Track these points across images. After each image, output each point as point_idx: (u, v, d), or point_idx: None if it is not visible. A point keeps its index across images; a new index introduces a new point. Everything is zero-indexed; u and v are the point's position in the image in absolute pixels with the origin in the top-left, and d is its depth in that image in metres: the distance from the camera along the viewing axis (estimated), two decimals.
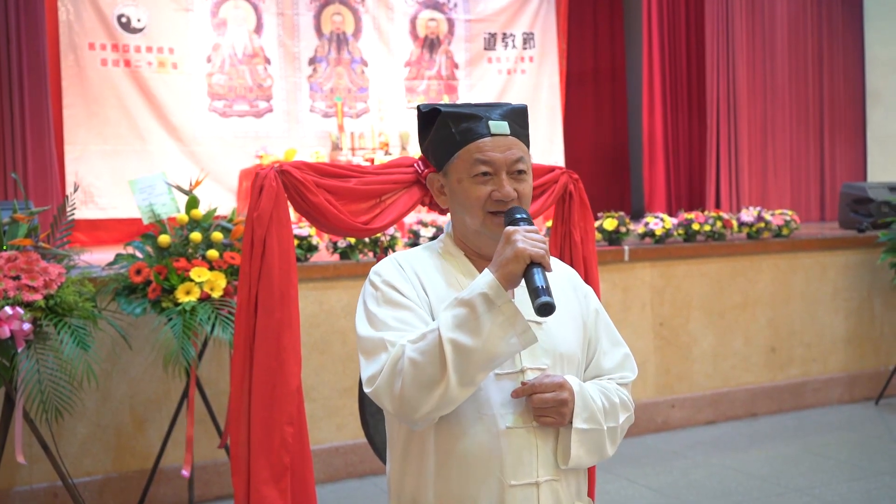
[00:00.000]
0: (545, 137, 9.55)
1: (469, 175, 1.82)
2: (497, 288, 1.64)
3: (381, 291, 1.78)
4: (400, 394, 1.65)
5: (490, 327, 1.62)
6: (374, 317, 1.76)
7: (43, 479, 4.10)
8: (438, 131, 1.87)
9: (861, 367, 6.31)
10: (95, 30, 7.70)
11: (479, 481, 1.75)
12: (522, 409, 1.78)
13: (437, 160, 1.90)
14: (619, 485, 4.64)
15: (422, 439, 1.78)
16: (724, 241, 5.94)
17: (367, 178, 2.85)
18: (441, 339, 1.62)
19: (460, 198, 1.84)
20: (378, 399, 1.70)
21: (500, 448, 1.75)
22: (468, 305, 1.64)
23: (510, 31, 9.52)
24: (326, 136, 8.45)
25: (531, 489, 1.77)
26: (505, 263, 1.66)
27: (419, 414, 1.66)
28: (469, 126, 1.83)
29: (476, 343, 1.62)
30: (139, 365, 4.31)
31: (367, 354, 1.73)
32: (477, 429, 1.75)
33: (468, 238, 1.88)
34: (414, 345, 1.66)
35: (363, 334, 1.76)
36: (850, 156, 9.32)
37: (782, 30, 8.86)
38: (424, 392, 1.63)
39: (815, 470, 4.83)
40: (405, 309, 1.76)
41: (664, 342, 5.66)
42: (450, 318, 1.64)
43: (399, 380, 1.65)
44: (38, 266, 3.42)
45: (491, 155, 1.82)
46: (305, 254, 4.67)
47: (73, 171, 7.50)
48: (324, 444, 4.67)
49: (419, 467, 1.79)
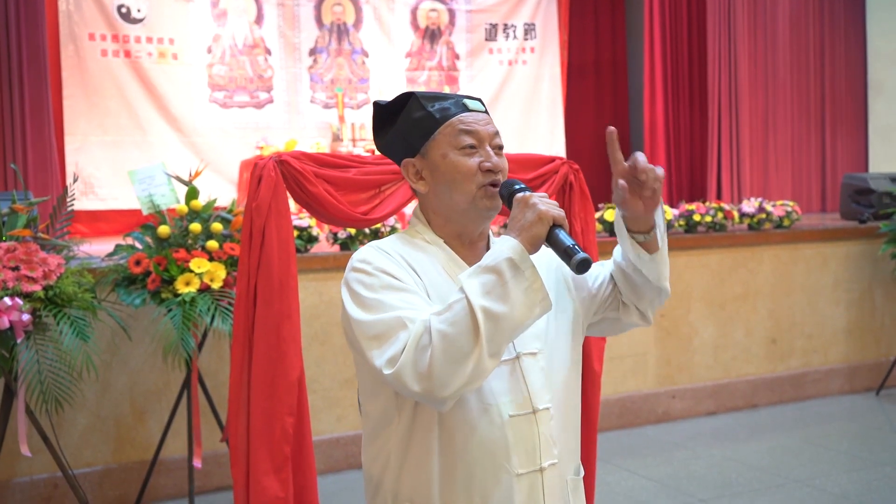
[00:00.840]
0: (546, 129, 9.54)
1: (455, 147, 1.77)
2: (522, 252, 1.60)
3: (375, 277, 1.69)
4: (428, 370, 1.55)
5: (516, 293, 1.57)
6: (377, 301, 1.66)
7: (43, 470, 4.11)
8: (411, 114, 1.82)
9: (862, 358, 6.30)
10: (95, 20, 7.68)
11: (487, 473, 1.71)
12: (522, 395, 1.76)
13: (411, 144, 1.83)
14: (620, 476, 4.64)
15: (425, 434, 1.71)
16: (725, 232, 5.92)
17: (367, 169, 2.85)
18: (472, 307, 1.54)
19: (447, 174, 1.78)
20: (401, 380, 1.57)
21: (506, 438, 1.72)
22: (495, 271, 1.58)
23: (511, 21, 9.49)
24: (327, 126, 8.44)
25: (536, 476, 1.75)
26: (528, 227, 1.62)
27: (449, 390, 1.56)
28: (445, 105, 1.81)
29: (505, 309, 1.56)
30: (139, 356, 4.31)
31: (380, 338, 1.62)
32: (482, 420, 1.71)
33: (452, 219, 1.82)
34: (440, 316, 1.57)
35: (366, 319, 1.65)
36: (852, 147, 9.30)
37: (784, 21, 8.83)
38: (455, 365, 1.54)
39: (816, 461, 4.83)
40: (407, 292, 1.68)
41: (665, 333, 5.65)
42: (477, 286, 1.57)
43: (426, 355, 1.55)
44: (38, 257, 3.42)
45: (475, 127, 1.79)
46: (305, 244, 4.66)
47: (73, 161, 7.50)
48: (324, 436, 4.67)
49: (421, 464, 1.71)
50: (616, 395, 5.46)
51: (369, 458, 1.81)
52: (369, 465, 1.82)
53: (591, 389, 3.30)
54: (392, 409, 1.74)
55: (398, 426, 1.74)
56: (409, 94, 1.84)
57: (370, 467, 1.81)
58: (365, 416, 1.83)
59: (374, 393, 1.77)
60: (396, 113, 1.86)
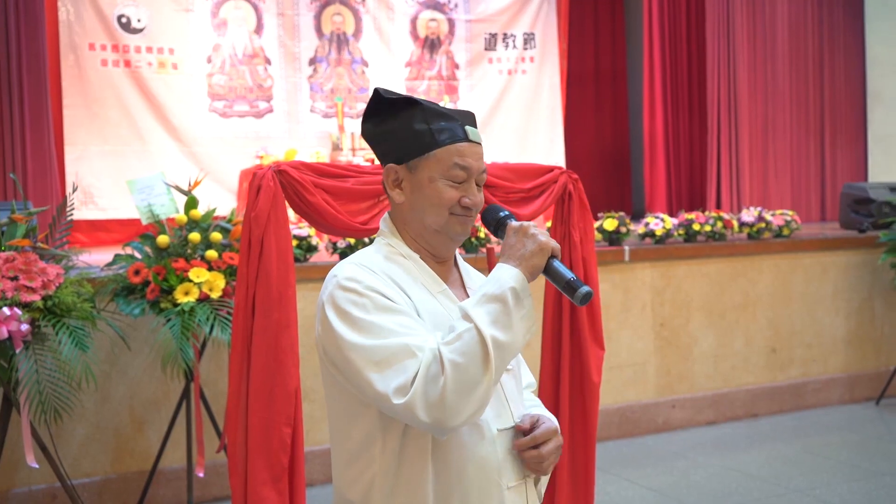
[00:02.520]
0: (546, 138, 9.54)
1: (444, 176, 1.78)
2: (523, 281, 1.64)
3: (367, 298, 1.67)
4: (440, 400, 1.55)
5: (518, 322, 1.62)
6: (372, 324, 1.64)
7: (42, 480, 4.10)
8: (411, 123, 1.80)
9: (862, 368, 6.30)
10: (95, 30, 7.69)
11: (482, 490, 1.73)
12: (504, 410, 1.79)
13: (403, 153, 1.82)
14: (620, 486, 4.63)
15: (419, 457, 1.70)
16: (724, 242, 5.93)
17: (365, 178, 2.85)
18: (483, 337, 1.57)
19: (428, 197, 1.78)
20: (410, 411, 1.57)
21: (497, 453, 1.75)
22: (500, 301, 1.61)
23: (511, 31, 9.51)
24: (327, 136, 8.45)
25: (522, 487, 1.79)
26: (529, 256, 1.67)
27: (460, 420, 1.58)
28: (447, 126, 1.80)
29: (509, 338, 1.60)
30: (138, 366, 4.31)
31: (382, 364, 1.61)
32: (474, 437, 1.72)
33: (423, 237, 1.83)
34: (449, 346, 1.58)
35: (365, 343, 1.63)
36: (851, 156, 9.31)
37: (783, 30, 8.85)
38: (467, 395, 1.57)
39: (816, 470, 4.82)
40: (402, 314, 1.67)
41: (664, 343, 5.65)
42: (484, 315, 1.59)
43: (437, 386, 1.56)
44: (37, 267, 3.42)
45: (469, 161, 1.79)
46: (305, 254, 4.66)
47: (73, 171, 7.49)
48: (323, 446, 4.66)
49: (416, 486, 1.70)
50: (616, 405, 5.46)
51: (346, 481, 1.77)
52: (346, 488, 1.77)
53: (589, 400, 3.30)
54: (376, 432, 1.72)
55: (383, 449, 1.71)
56: (417, 101, 1.83)
57: (347, 491, 1.77)
58: (340, 438, 1.79)
59: (354, 416, 1.74)
60: (395, 110, 1.84)
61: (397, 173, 1.83)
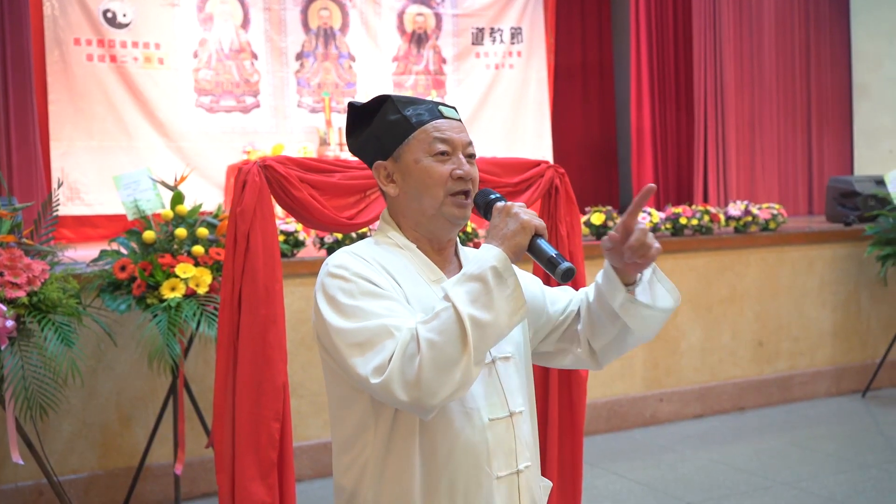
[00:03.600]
0: (533, 132, 9.55)
1: (428, 154, 1.78)
2: (505, 261, 1.62)
3: (354, 283, 1.67)
4: (416, 379, 1.54)
5: (500, 301, 1.60)
6: (357, 308, 1.65)
7: (28, 477, 4.08)
8: (386, 117, 1.82)
9: (848, 361, 6.33)
10: (81, 25, 7.65)
11: (469, 478, 1.72)
12: (499, 399, 1.78)
13: (385, 147, 1.83)
14: (608, 479, 4.65)
15: (406, 442, 1.70)
16: (711, 235, 5.94)
17: (352, 173, 2.84)
18: (460, 316, 1.56)
19: (418, 178, 1.78)
20: (388, 390, 1.57)
21: (487, 441, 1.74)
22: (480, 280, 1.59)
23: (498, 25, 9.50)
24: (314, 131, 8.43)
25: (514, 478, 1.78)
26: (511, 236, 1.66)
27: (438, 399, 1.56)
28: (420, 110, 1.81)
29: (490, 317, 1.58)
30: (125, 362, 4.29)
31: (363, 346, 1.61)
32: (463, 424, 1.72)
33: (421, 224, 1.82)
34: (427, 325, 1.58)
35: (347, 326, 1.63)
36: (838, 150, 9.34)
37: (769, 23, 8.87)
38: (444, 374, 1.55)
39: (803, 463, 4.84)
40: (387, 299, 1.67)
41: None
42: (463, 294, 1.58)
43: (413, 364, 1.55)
44: (22, 263, 3.40)
45: (449, 134, 1.80)
46: (292, 249, 4.65)
47: (59, 167, 7.46)
48: (311, 441, 4.66)
49: (402, 471, 1.70)
50: (603, 399, 5.47)
51: (341, 468, 1.79)
52: (341, 475, 1.79)
53: (576, 394, 3.31)
54: (369, 418, 1.72)
55: (375, 435, 1.72)
56: (385, 96, 1.85)
57: (342, 478, 1.78)
58: (337, 425, 1.80)
59: (349, 401, 1.75)
60: (372, 115, 1.86)
61: (386, 168, 1.84)
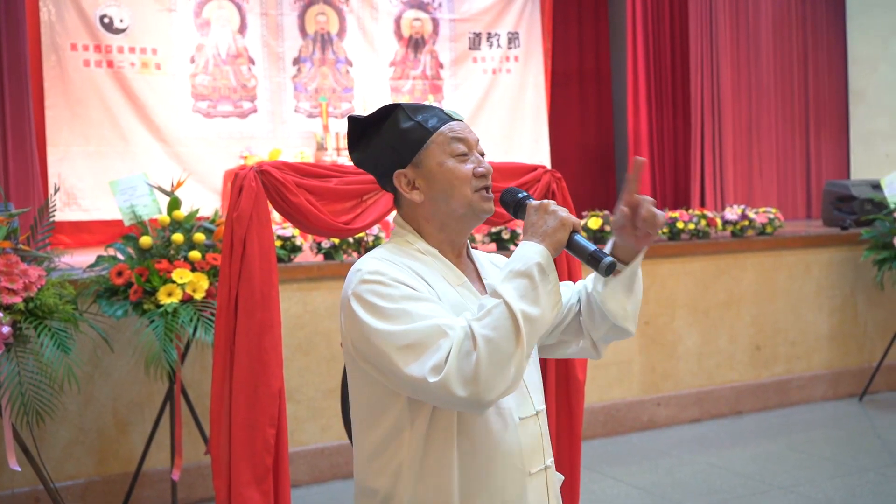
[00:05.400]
0: (530, 137, 9.55)
1: (450, 155, 1.83)
2: (548, 257, 1.69)
3: (392, 288, 1.70)
4: (474, 375, 1.58)
5: (544, 296, 1.66)
6: (401, 311, 1.67)
7: (25, 483, 4.07)
8: (398, 125, 1.85)
9: (845, 364, 6.33)
10: (78, 30, 7.65)
11: (504, 475, 1.77)
12: (525, 398, 1.83)
13: (402, 156, 1.85)
14: (605, 484, 4.64)
15: (444, 442, 1.74)
16: (708, 240, 5.95)
17: (348, 178, 2.84)
18: (512, 311, 1.61)
19: (445, 180, 1.82)
20: (447, 388, 1.59)
21: (519, 440, 1.79)
22: (527, 276, 1.65)
23: (495, 30, 9.51)
24: (311, 136, 8.43)
25: (542, 474, 1.84)
26: (552, 232, 1.72)
27: (495, 394, 1.60)
28: (431, 115, 1.86)
29: (538, 312, 1.64)
30: (121, 368, 4.29)
31: (415, 347, 1.63)
32: (498, 424, 1.77)
33: (448, 226, 1.85)
34: (481, 321, 1.62)
35: (395, 329, 1.65)
36: (834, 154, 9.35)
37: (766, 28, 8.89)
38: (500, 369, 1.59)
39: (800, 467, 4.84)
40: (427, 301, 1.70)
41: (649, 341, 5.66)
42: (512, 290, 1.63)
43: (471, 361, 1.59)
44: (18, 268, 3.40)
45: (465, 134, 1.85)
46: (289, 254, 4.65)
47: (56, 172, 7.45)
48: (308, 446, 4.65)
49: (441, 471, 1.73)
50: (601, 403, 5.47)
51: (372, 472, 1.79)
52: (373, 478, 1.79)
53: (574, 398, 3.31)
54: (405, 420, 1.75)
55: (411, 436, 1.75)
56: (393, 106, 1.88)
57: (374, 481, 1.79)
58: (366, 430, 1.81)
59: (383, 405, 1.76)
60: (377, 125, 1.88)
61: (406, 176, 1.86)
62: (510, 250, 5.14)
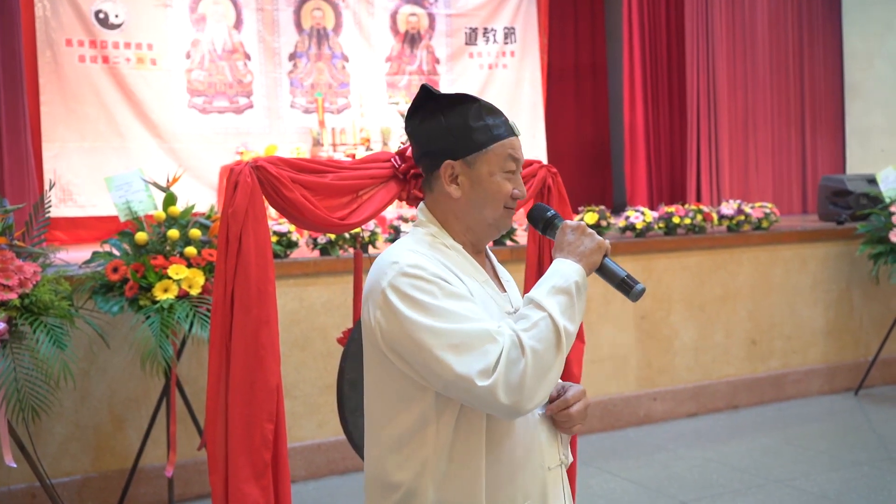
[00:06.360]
0: (527, 132, 9.53)
1: (502, 170, 1.87)
2: (584, 277, 1.79)
3: (434, 284, 1.71)
4: (519, 384, 1.64)
5: (578, 314, 1.76)
6: (443, 310, 1.69)
7: (21, 479, 4.07)
8: (468, 120, 1.86)
9: (841, 359, 6.34)
10: (73, 26, 7.63)
11: (526, 471, 1.83)
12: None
13: (458, 148, 1.85)
14: (602, 478, 4.65)
15: (472, 439, 1.77)
16: (704, 235, 5.95)
17: (344, 174, 2.83)
18: (557, 326, 1.69)
19: (489, 191, 1.86)
20: (492, 393, 1.64)
21: (539, 436, 1.86)
22: (567, 293, 1.74)
23: (491, 25, 9.50)
24: (307, 131, 8.41)
25: (558, 469, 1.91)
26: (589, 254, 1.82)
27: (534, 403, 1.68)
28: (500, 121, 1.89)
29: (574, 328, 1.74)
30: (117, 364, 4.28)
31: (461, 348, 1.66)
32: (521, 422, 1.82)
33: (473, 230, 1.89)
34: (528, 333, 1.69)
35: (443, 327, 1.67)
36: (830, 148, 9.36)
37: (762, 23, 8.89)
38: (543, 379, 1.67)
39: (796, 461, 4.85)
40: (469, 301, 1.74)
41: (645, 335, 5.67)
42: (556, 305, 1.72)
43: (517, 369, 1.65)
44: (13, 264, 3.39)
45: (520, 154, 1.91)
46: (285, 250, 4.65)
47: (51, 168, 7.44)
48: (305, 442, 4.66)
49: (468, 467, 1.77)
50: (597, 398, 5.48)
51: (393, 465, 1.80)
52: (394, 472, 1.80)
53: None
54: (430, 415, 1.76)
55: (437, 432, 1.77)
56: (473, 98, 1.90)
57: (395, 475, 1.80)
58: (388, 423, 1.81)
59: (409, 399, 1.77)
60: (449, 107, 1.88)
61: (454, 169, 1.87)
62: (506, 245, 5.15)
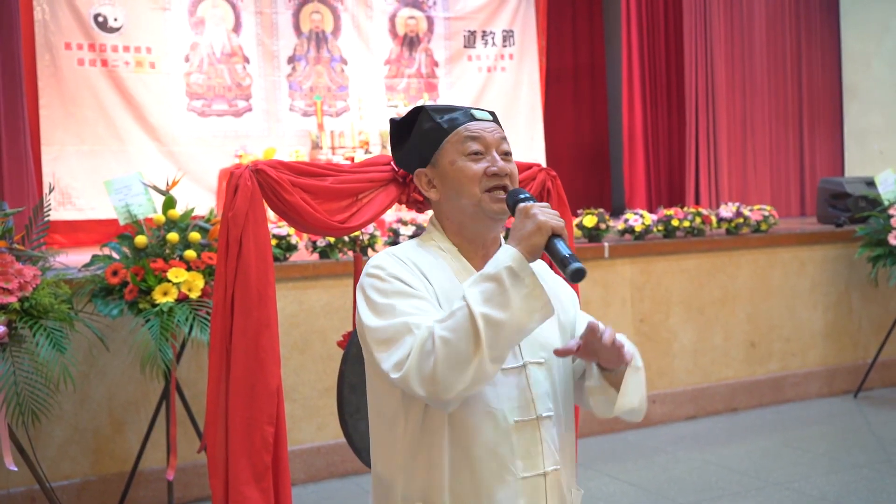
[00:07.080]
0: (525, 135, 9.56)
1: (462, 154, 1.86)
2: (521, 260, 1.66)
3: (388, 283, 1.76)
4: (431, 374, 1.62)
5: (517, 300, 1.64)
6: (388, 307, 1.73)
7: (20, 482, 4.07)
8: (422, 126, 1.91)
9: (840, 361, 6.35)
10: (72, 29, 7.63)
11: (493, 476, 1.78)
12: (527, 401, 1.83)
13: (423, 155, 1.92)
14: (601, 481, 4.65)
15: (434, 438, 1.77)
16: (703, 237, 5.96)
17: (344, 177, 2.84)
18: (472, 314, 1.61)
19: (455, 179, 1.86)
20: (407, 384, 1.66)
21: (511, 442, 1.79)
22: (495, 279, 1.64)
23: (490, 28, 9.51)
24: (306, 134, 8.42)
25: (539, 479, 1.82)
26: (528, 236, 1.69)
27: (452, 393, 1.63)
28: (454, 116, 1.90)
29: (505, 316, 1.62)
30: (117, 367, 4.28)
31: (387, 343, 1.70)
32: (488, 425, 1.78)
33: (464, 225, 1.89)
34: (442, 324, 1.65)
35: (376, 324, 1.73)
36: (829, 150, 9.37)
37: (760, 24, 8.90)
38: (458, 370, 1.62)
39: (795, 463, 4.86)
40: (417, 298, 1.76)
41: (644, 338, 5.67)
42: (477, 294, 1.64)
43: (430, 360, 1.63)
44: (13, 268, 3.39)
45: (481, 133, 1.88)
46: (285, 253, 4.65)
47: (51, 171, 7.44)
48: (304, 445, 4.65)
49: (431, 466, 1.78)
50: None
51: (377, 458, 1.89)
52: (378, 465, 1.88)
53: None
54: (399, 411, 1.80)
55: (406, 427, 1.80)
56: (420, 108, 1.94)
57: (377, 467, 1.88)
58: (375, 418, 1.89)
59: (384, 394, 1.83)
60: (409, 127, 1.95)
61: (426, 175, 1.92)
62: None
